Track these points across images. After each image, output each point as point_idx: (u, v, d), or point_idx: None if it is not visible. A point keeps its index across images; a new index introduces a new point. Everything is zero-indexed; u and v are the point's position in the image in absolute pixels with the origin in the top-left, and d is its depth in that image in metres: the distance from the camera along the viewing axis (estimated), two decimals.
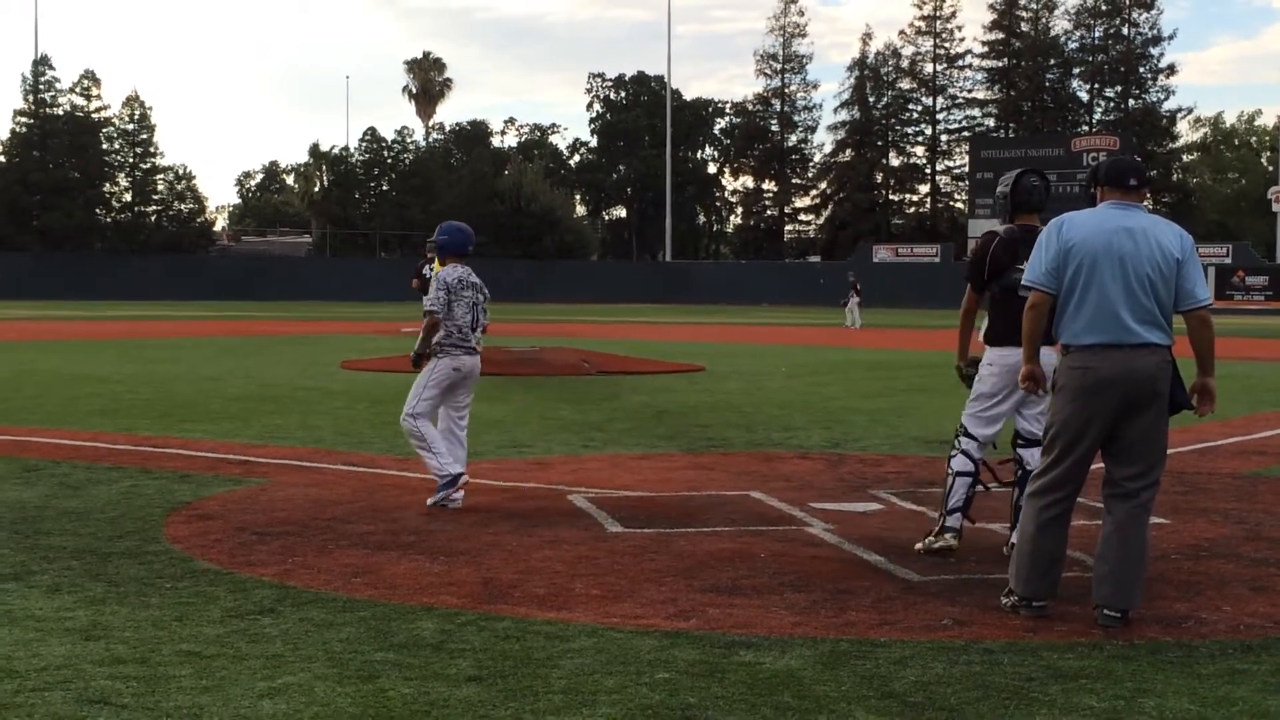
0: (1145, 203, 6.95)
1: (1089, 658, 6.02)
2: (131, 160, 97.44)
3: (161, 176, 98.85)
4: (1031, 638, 6.36)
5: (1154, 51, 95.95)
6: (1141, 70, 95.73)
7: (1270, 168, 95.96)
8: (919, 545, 8.36)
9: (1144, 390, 6.59)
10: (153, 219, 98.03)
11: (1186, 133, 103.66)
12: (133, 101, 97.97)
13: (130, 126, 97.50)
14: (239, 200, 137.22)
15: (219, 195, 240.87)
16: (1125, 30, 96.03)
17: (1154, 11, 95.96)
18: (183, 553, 8.16)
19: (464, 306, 10.01)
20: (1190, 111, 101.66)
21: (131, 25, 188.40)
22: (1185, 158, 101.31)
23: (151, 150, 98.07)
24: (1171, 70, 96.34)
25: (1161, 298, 6.61)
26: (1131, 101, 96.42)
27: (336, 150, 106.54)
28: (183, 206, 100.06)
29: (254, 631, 6.31)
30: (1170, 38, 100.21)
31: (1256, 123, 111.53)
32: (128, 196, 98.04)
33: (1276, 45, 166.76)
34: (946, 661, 5.92)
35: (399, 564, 7.88)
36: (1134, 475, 6.68)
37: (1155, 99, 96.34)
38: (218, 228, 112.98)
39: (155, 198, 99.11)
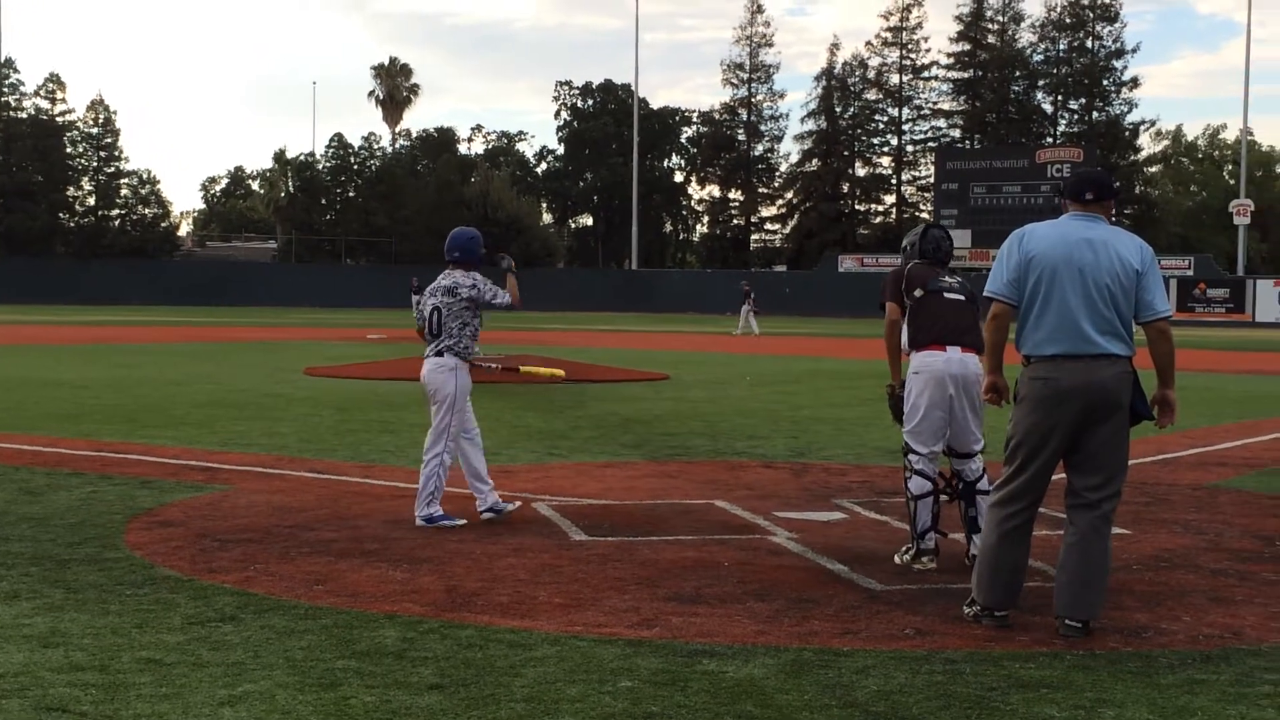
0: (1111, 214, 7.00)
1: (1050, 668, 6.04)
2: (95, 164, 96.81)
3: (126, 181, 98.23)
4: (993, 647, 6.38)
5: (1117, 64, 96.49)
6: (1105, 83, 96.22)
7: (1232, 181, 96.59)
8: (898, 558, 8.40)
9: (1105, 401, 6.63)
10: (116, 223, 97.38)
11: (1149, 145, 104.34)
12: (97, 105, 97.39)
13: (95, 130, 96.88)
14: (204, 205, 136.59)
15: (183, 200, 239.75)
16: (1089, 43, 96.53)
17: (1118, 25, 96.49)
18: (143, 559, 8.11)
19: (428, 309, 9.85)
20: (1153, 124, 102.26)
21: (97, 29, 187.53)
22: (1148, 170, 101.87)
23: (116, 154, 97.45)
24: (1135, 83, 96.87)
25: (1121, 309, 6.66)
26: (1095, 114, 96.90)
27: (303, 156, 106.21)
28: (147, 211, 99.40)
29: (215, 639, 6.28)
30: (1133, 51, 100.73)
31: (1220, 136, 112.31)
32: (91, 201, 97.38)
33: (1237, 59, 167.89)
34: (909, 671, 5.93)
35: (361, 571, 7.85)
36: (1095, 486, 6.71)
37: (1119, 111, 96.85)
38: (182, 233, 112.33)
39: (119, 202, 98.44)
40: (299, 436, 14.65)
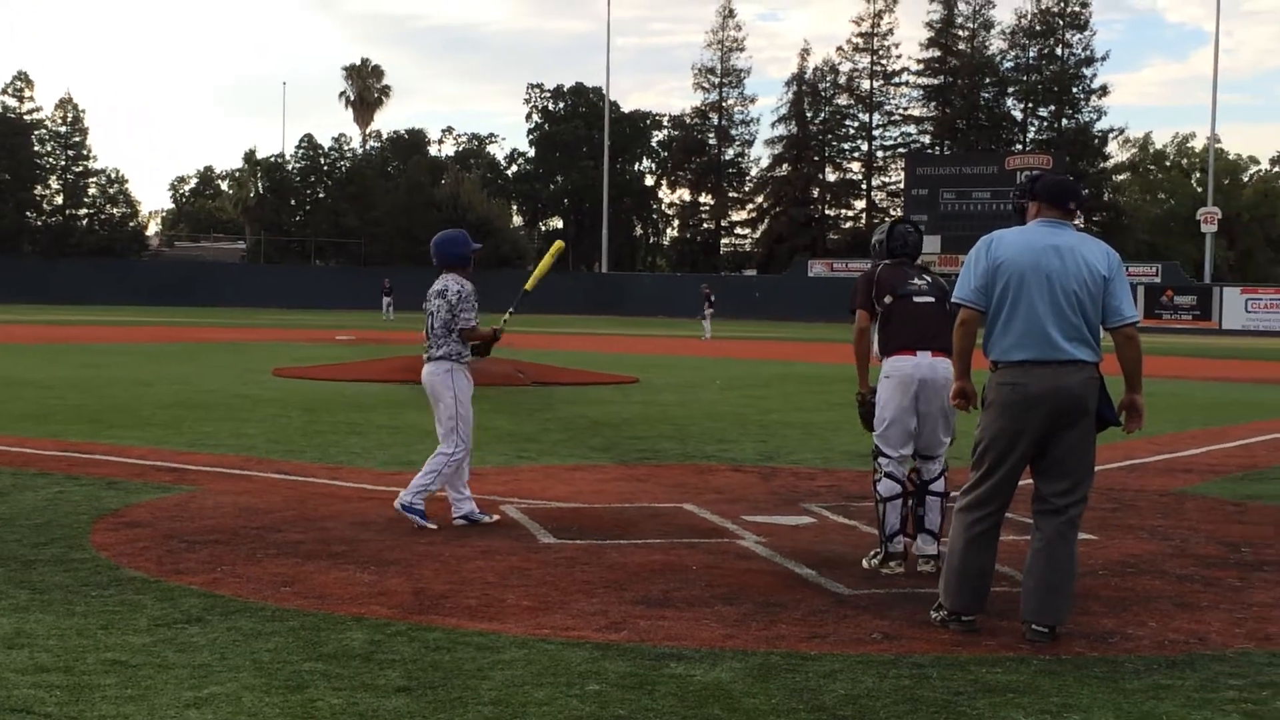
0: (1078, 221, 7.03)
1: (1017, 672, 6.06)
2: (64, 163, 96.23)
3: (94, 180, 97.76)
4: (960, 652, 6.40)
5: (1087, 72, 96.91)
6: (1075, 90, 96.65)
7: (1200, 189, 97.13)
8: (866, 563, 8.42)
9: (1072, 407, 6.66)
10: (84, 222, 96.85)
11: (1117, 153, 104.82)
12: (66, 104, 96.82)
13: (63, 129, 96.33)
14: (172, 205, 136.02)
15: (152, 200, 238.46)
16: (1059, 51, 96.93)
17: (1087, 33, 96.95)
18: (109, 560, 8.07)
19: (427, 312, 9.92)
20: (1122, 132, 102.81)
21: (66, 27, 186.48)
22: (1116, 178, 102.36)
23: (84, 153, 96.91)
24: (1104, 91, 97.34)
25: (1089, 315, 6.69)
26: (1065, 121, 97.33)
27: (272, 157, 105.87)
28: (115, 210, 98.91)
29: (181, 640, 6.25)
30: (1103, 59, 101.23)
31: (1188, 144, 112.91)
32: (59, 199, 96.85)
33: (1205, 68, 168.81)
34: (876, 675, 5.95)
35: (329, 573, 7.83)
36: (1062, 491, 6.74)
37: (1088, 119, 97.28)
38: (150, 232, 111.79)
39: (87, 201, 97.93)
40: (267, 437, 14.60)
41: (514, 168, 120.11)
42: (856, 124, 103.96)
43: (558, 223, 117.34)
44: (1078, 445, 6.74)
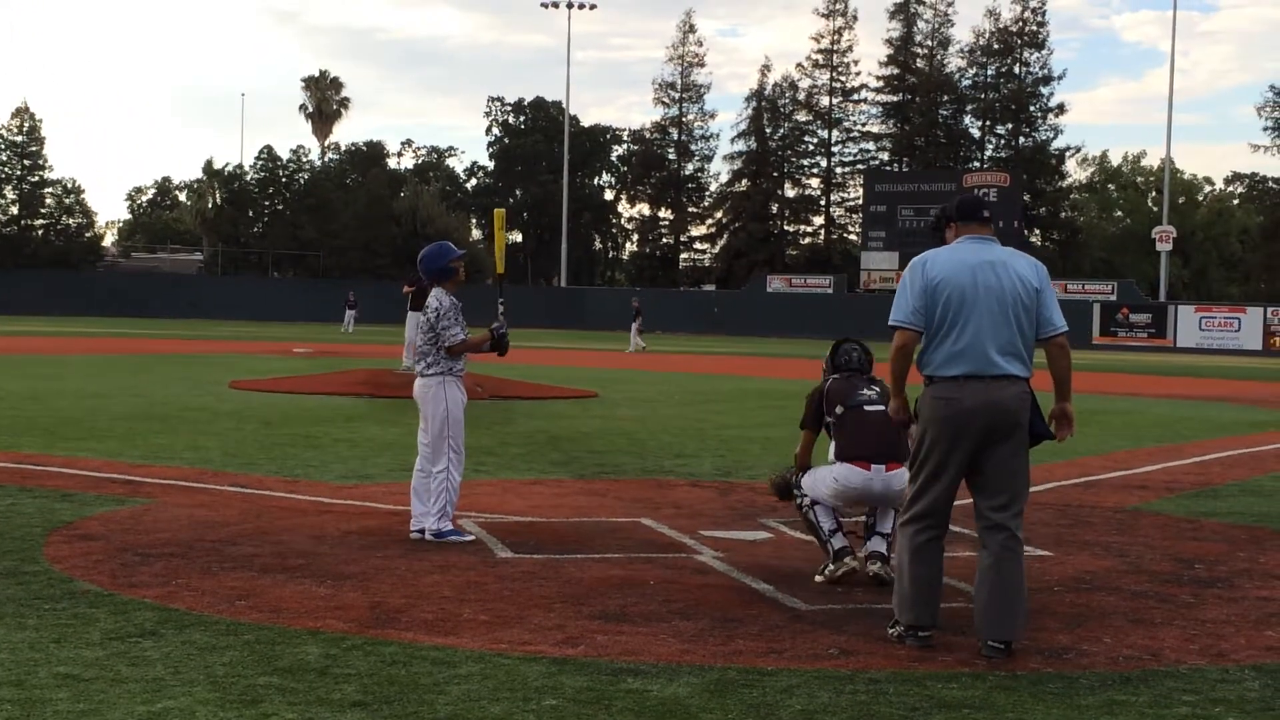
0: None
1: (972, 688, 6.09)
2: (19, 173, 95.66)
3: (50, 190, 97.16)
4: (916, 668, 6.42)
5: (1044, 90, 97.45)
6: (1032, 108, 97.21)
7: (1155, 208, 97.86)
8: (819, 577, 8.43)
9: (1005, 421, 6.79)
10: (39, 233, 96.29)
11: (1074, 171, 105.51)
12: (22, 113, 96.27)
13: (19, 139, 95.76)
14: (129, 216, 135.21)
15: (109, 211, 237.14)
16: (1017, 69, 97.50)
17: (1044, 52, 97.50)
18: (62, 573, 8.01)
19: None
20: (1079, 150, 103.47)
21: (22, 35, 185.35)
22: (1073, 196, 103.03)
23: (40, 163, 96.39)
24: (1061, 109, 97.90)
25: (1024, 328, 6.85)
26: (1022, 139, 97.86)
27: (231, 168, 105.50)
28: (71, 221, 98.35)
29: (134, 654, 6.21)
30: (1060, 77, 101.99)
31: (1142, 163, 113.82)
32: (14, 210, 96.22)
33: (1161, 88, 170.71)
34: (832, 691, 5.96)
35: (285, 587, 7.79)
36: (999, 506, 6.86)
37: (1045, 137, 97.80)
38: (106, 243, 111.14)
39: (43, 211, 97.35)
40: (223, 450, 14.52)
41: (473, 181, 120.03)
42: (816, 140, 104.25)
43: (517, 236, 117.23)
44: (1011, 460, 6.86)
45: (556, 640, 6.71)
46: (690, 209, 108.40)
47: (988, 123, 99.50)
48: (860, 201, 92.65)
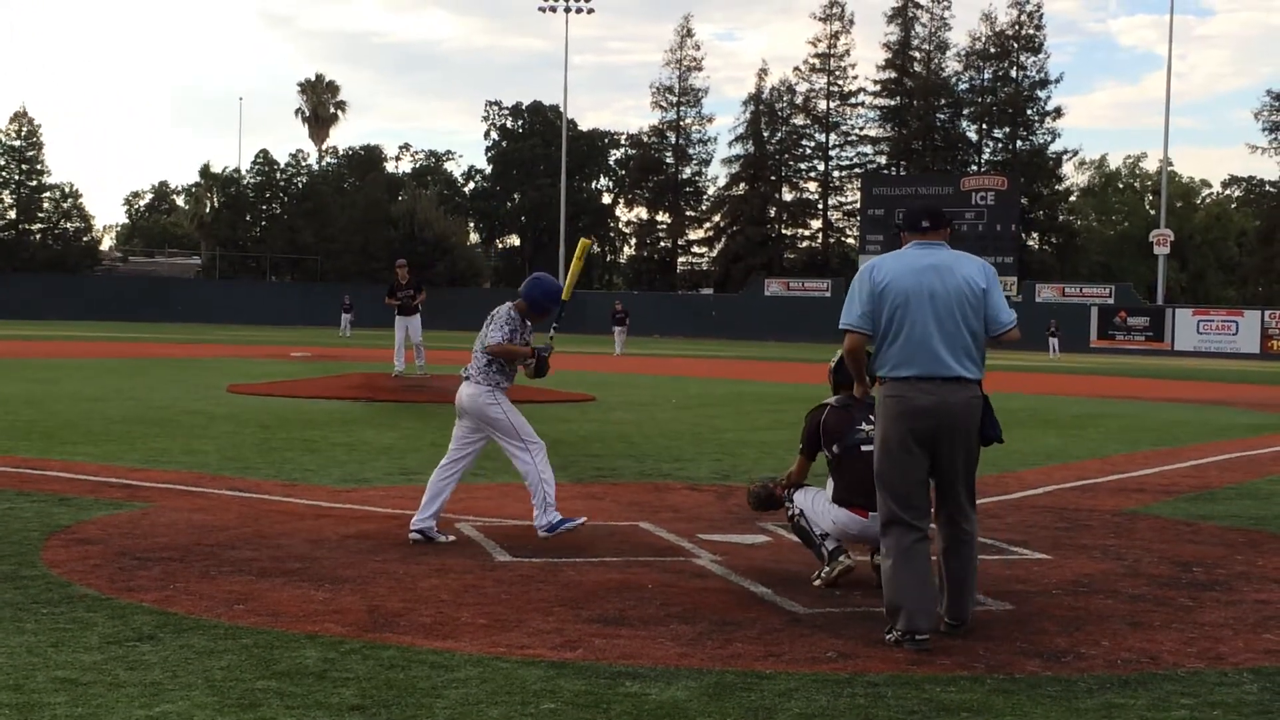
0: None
1: (971, 691, 6.09)
2: (18, 177, 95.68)
3: (48, 194, 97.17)
4: (915, 671, 6.43)
5: (1041, 94, 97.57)
6: (1029, 112, 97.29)
7: (1152, 211, 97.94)
8: (816, 581, 8.42)
9: (955, 423, 7.02)
10: (37, 237, 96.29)
11: (1072, 175, 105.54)
12: (20, 118, 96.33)
13: (17, 143, 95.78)
14: (127, 220, 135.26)
15: (106, 214, 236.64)
16: (1014, 73, 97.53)
17: (1041, 55, 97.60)
18: (60, 577, 8.00)
19: None
20: (1076, 154, 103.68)
21: (21, 41, 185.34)
22: (1071, 199, 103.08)
23: (39, 167, 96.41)
24: (1058, 113, 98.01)
25: (974, 327, 7.06)
26: (1019, 143, 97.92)
27: (228, 171, 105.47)
28: (69, 225, 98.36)
29: (133, 658, 6.21)
30: (1057, 81, 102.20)
31: (1140, 166, 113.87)
32: (12, 214, 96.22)
33: (1158, 91, 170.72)
34: (831, 694, 5.96)
35: (283, 591, 7.79)
36: (953, 506, 7.14)
37: (1042, 141, 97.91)
38: (104, 247, 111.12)
39: (41, 216, 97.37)
40: (221, 454, 14.52)
41: (471, 185, 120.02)
42: (813, 144, 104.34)
43: (514, 240, 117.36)
44: (962, 460, 7.10)
45: (555, 644, 6.71)
46: (688, 213, 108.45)
47: (985, 126, 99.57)
48: (858, 205, 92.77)
